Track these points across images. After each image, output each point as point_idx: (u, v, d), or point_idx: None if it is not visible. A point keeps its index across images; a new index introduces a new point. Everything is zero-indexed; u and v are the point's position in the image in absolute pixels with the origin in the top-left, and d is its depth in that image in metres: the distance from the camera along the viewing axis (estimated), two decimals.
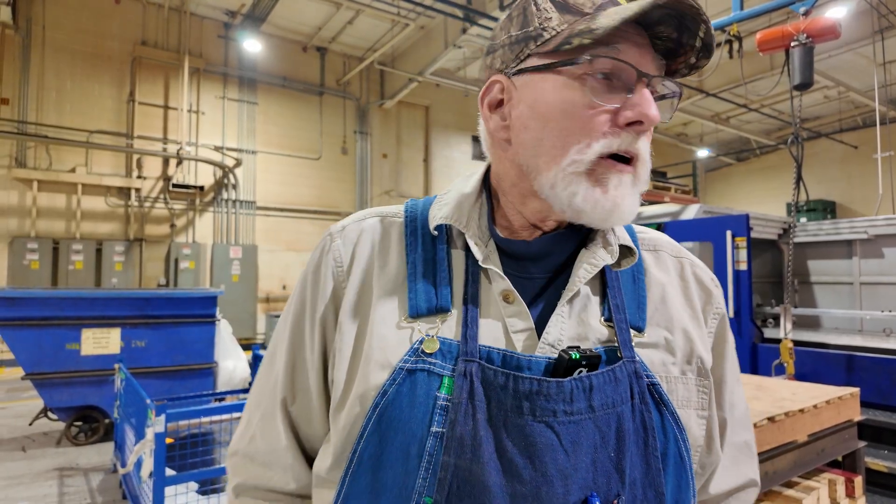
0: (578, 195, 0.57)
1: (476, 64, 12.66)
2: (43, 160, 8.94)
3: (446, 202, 0.66)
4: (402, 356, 0.58)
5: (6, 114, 8.71)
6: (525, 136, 0.60)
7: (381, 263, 0.65)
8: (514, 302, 0.61)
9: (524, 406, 0.55)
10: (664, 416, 0.60)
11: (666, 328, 0.65)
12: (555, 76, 0.58)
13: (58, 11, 9.14)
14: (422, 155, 13.70)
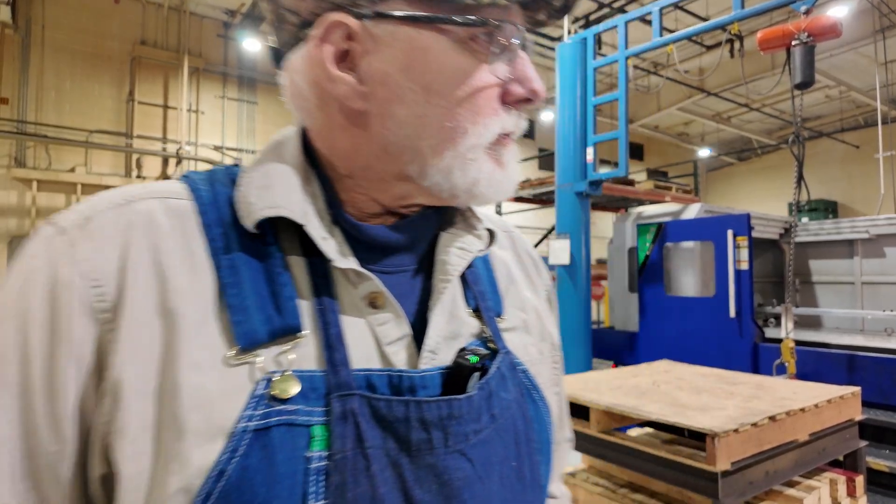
0: (481, 180, 0.47)
1: None
2: (42, 160, 8.94)
3: (263, 183, 0.46)
4: (241, 412, 0.39)
5: (5, 113, 8.70)
6: (399, 110, 0.45)
7: (173, 273, 0.42)
8: (384, 305, 0.47)
9: (435, 438, 0.43)
10: (538, 405, 0.55)
11: (520, 308, 0.59)
12: (438, 35, 0.44)
13: (57, 11, 9.13)
14: None
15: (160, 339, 0.40)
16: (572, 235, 4.96)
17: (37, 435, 0.39)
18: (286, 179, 0.47)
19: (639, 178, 16.95)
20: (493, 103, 0.47)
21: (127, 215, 0.43)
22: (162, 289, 0.41)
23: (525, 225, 13.29)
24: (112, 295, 0.40)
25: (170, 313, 0.41)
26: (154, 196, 0.45)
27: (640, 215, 5.12)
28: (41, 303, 0.40)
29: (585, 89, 4.92)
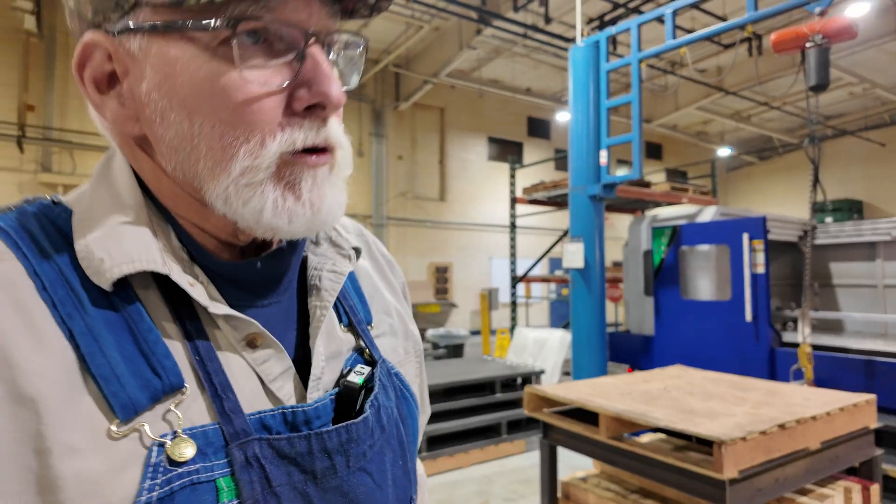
0: (267, 209, 0.42)
1: (492, 65, 12.66)
2: (67, 165, 9.18)
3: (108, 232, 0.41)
4: (139, 484, 0.37)
5: (33, 120, 8.96)
6: (166, 132, 0.42)
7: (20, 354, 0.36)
8: (263, 344, 0.45)
9: (337, 462, 0.44)
10: (409, 402, 0.57)
11: (385, 313, 0.60)
12: (185, 43, 0.40)
13: None
14: (437, 157, 13.75)
15: (25, 430, 0.35)
16: (586, 239, 4.94)
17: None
18: (133, 223, 0.42)
19: (657, 178, 16.75)
20: (271, 116, 0.41)
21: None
22: (8, 375, 0.35)
23: (539, 226, 13.25)
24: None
25: (27, 399, 0.35)
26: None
27: (656, 218, 5.09)
28: None
29: (598, 92, 4.90)
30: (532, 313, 14.54)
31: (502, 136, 14.86)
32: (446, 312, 12.24)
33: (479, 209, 14.20)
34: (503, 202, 13.80)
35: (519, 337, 6.45)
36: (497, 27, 9.82)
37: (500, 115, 14.69)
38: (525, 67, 12.90)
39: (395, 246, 12.64)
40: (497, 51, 11.91)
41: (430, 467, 3.92)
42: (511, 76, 13.22)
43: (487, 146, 14.59)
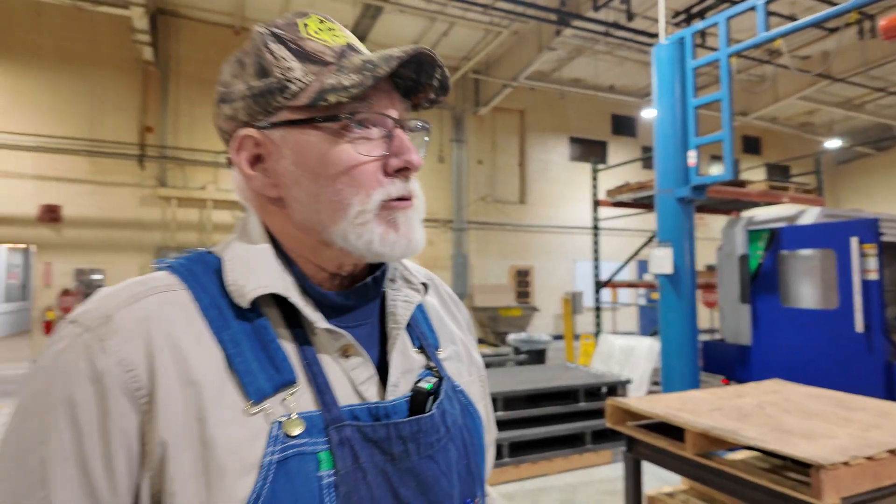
0: (375, 241, 0.58)
1: (573, 65, 12.45)
2: (180, 180, 10.14)
3: (249, 269, 0.57)
4: (264, 449, 0.51)
5: (151, 140, 9.99)
6: (299, 193, 0.58)
7: (189, 353, 0.52)
8: (353, 353, 0.59)
9: (410, 448, 0.57)
10: (474, 416, 0.69)
11: (451, 342, 0.73)
12: (315, 131, 0.57)
13: (189, 47, 10.32)
14: (517, 159, 13.71)
15: (192, 404, 0.50)
16: (675, 243, 4.75)
17: (97, 493, 0.48)
18: (264, 262, 0.58)
19: (756, 174, 15.61)
20: (373, 176, 0.58)
21: (139, 311, 0.52)
22: (183, 365, 0.51)
23: (625, 228, 12.81)
24: (144, 377, 0.50)
25: (194, 383, 0.51)
26: (155, 292, 0.55)
27: (752, 220, 4.78)
28: (86, 389, 0.49)
29: (685, 90, 4.71)
30: (619, 319, 14.07)
31: (585, 135, 14.54)
32: (528, 316, 12.16)
33: (562, 211, 13.97)
34: (587, 203, 13.50)
35: (604, 344, 6.31)
36: (577, 27, 9.65)
37: (582, 115, 14.38)
38: (608, 65, 12.56)
39: (475, 250, 12.75)
40: (578, 50, 11.69)
41: (513, 473, 3.95)
42: (594, 74, 12.91)
43: (569, 147, 14.34)
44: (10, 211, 9.03)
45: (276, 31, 0.59)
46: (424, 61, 0.59)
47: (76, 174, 9.42)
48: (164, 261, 0.59)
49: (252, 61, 0.58)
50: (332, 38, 0.60)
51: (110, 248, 9.63)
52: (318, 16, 0.62)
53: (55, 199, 9.28)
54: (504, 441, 3.95)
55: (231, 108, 0.60)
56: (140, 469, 0.50)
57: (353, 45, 0.60)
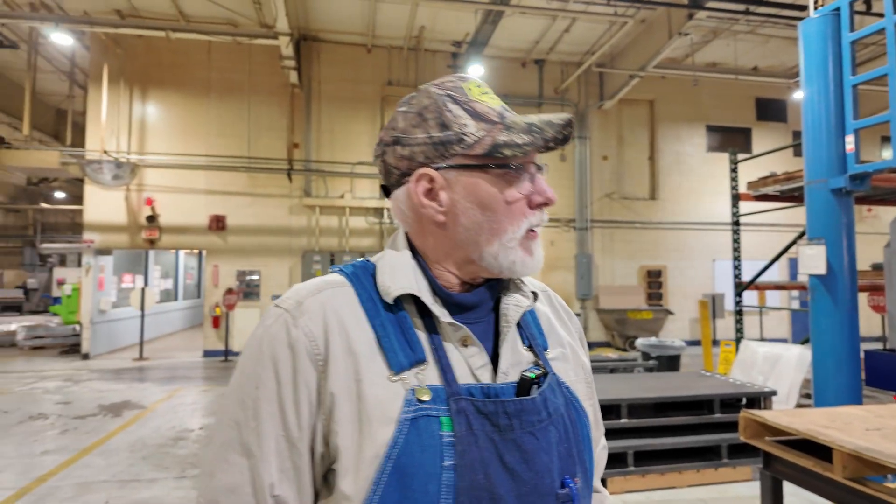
0: (517, 262, 0.74)
1: (709, 48, 11.53)
2: (322, 190, 11.16)
3: (394, 274, 0.74)
4: (401, 409, 0.66)
5: (297, 155, 11.12)
6: (465, 219, 0.74)
7: (351, 331, 0.70)
8: (472, 344, 0.73)
9: (514, 423, 0.69)
10: (578, 411, 0.80)
11: (559, 345, 0.85)
12: (485, 174, 0.73)
13: (328, 68, 11.31)
14: (647, 153, 13.01)
15: (351, 368, 0.68)
16: (829, 240, 4.23)
17: (288, 429, 0.67)
18: (405, 269, 0.75)
19: None
20: (522, 209, 0.74)
21: (322, 299, 0.73)
22: (347, 340, 0.69)
23: (772, 223, 11.57)
24: (321, 345, 0.69)
25: (354, 353, 0.69)
26: (331, 287, 0.75)
27: None
28: (284, 351, 0.69)
29: (840, 67, 4.17)
30: (768, 324, 12.73)
31: (724, 123, 13.36)
32: (660, 320, 11.47)
33: (698, 206, 12.97)
34: (727, 197, 12.39)
35: (746, 351, 5.79)
36: (712, 8, 8.94)
37: (720, 101, 13.24)
38: (750, 45, 11.43)
39: (600, 249, 12.33)
40: (714, 32, 10.81)
41: (639, 483, 3.82)
42: (733, 57, 11.84)
43: (706, 136, 13.27)
44: (187, 221, 10.61)
45: (451, 93, 0.76)
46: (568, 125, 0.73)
47: (237, 188, 10.80)
48: (337, 266, 0.80)
49: (433, 116, 0.74)
50: (490, 100, 0.76)
51: (264, 252, 10.89)
52: (475, 81, 0.78)
53: (221, 210, 10.72)
54: (628, 449, 3.84)
55: (409, 150, 0.76)
56: (317, 413, 0.68)
57: (504, 106, 0.77)
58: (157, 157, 10.53)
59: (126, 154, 10.37)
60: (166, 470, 4.41)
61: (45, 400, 6.93)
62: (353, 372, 0.68)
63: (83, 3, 9.64)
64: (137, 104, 10.63)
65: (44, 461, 4.61)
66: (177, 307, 16.11)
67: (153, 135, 10.65)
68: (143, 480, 4.18)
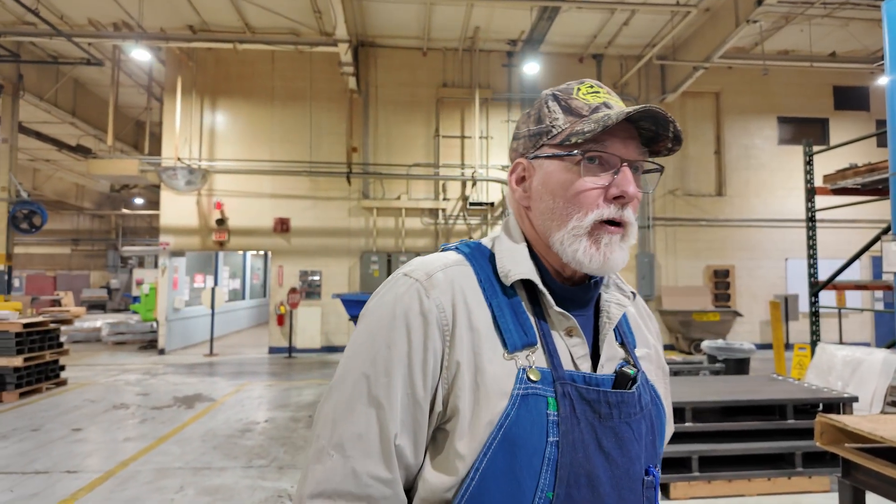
0: (579, 251, 0.75)
1: (780, 35, 10.91)
2: (379, 192, 11.39)
3: (515, 259, 0.79)
4: (514, 385, 0.71)
5: (356, 159, 11.41)
6: (540, 205, 0.79)
7: (473, 309, 0.75)
8: (576, 334, 0.78)
9: (614, 412, 0.74)
10: (660, 408, 0.84)
11: (644, 345, 0.89)
12: (559, 161, 0.77)
13: (384, 72, 11.54)
14: (712, 147, 12.44)
15: (472, 342, 0.73)
16: None
17: (415, 387, 0.72)
18: (523, 256, 0.80)
19: None
20: (594, 201, 0.75)
21: (449, 275, 0.78)
22: (469, 316, 0.75)
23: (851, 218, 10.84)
24: (449, 318, 0.74)
25: (475, 329, 0.74)
26: (455, 264, 0.80)
27: None
28: (417, 319, 0.74)
29: None
30: (847, 327, 11.88)
31: (797, 113, 12.57)
32: (728, 322, 10.93)
33: (769, 202, 12.27)
34: (801, 192, 11.65)
35: (823, 355, 5.43)
36: None
37: (793, 91, 12.47)
38: (827, 29, 10.71)
39: (662, 249, 11.90)
40: (786, 18, 10.20)
41: (704, 489, 3.67)
42: (807, 43, 11.13)
43: (777, 128, 12.54)
44: (254, 224, 11.11)
45: (557, 93, 0.81)
46: (659, 116, 0.75)
47: (300, 191, 11.21)
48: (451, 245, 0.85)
49: (535, 113, 0.82)
50: (593, 98, 0.79)
51: (325, 252, 11.24)
52: (590, 82, 0.81)
53: (285, 212, 11.16)
54: (693, 454, 3.69)
55: (517, 143, 0.85)
56: (440, 377, 0.73)
57: (608, 103, 0.78)
58: (226, 163, 11.09)
59: (198, 161, 10.99)
60: (235, 459, 4.64)
61: (127, 391, 7.46)
62: (473, 345, 0.73)
63: (159, 21, 10.30)
64: (208, 113, 11.24)
65: (126, 447, 4.96)
66: (244, 306, 16.88)
67: (222, 142, 11.23)
68: (213, 468, 4.42)
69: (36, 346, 7.13)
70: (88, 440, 5.19)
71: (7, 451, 4.81)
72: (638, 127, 0.78)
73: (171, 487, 4.01)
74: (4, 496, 3.82)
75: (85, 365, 9.66)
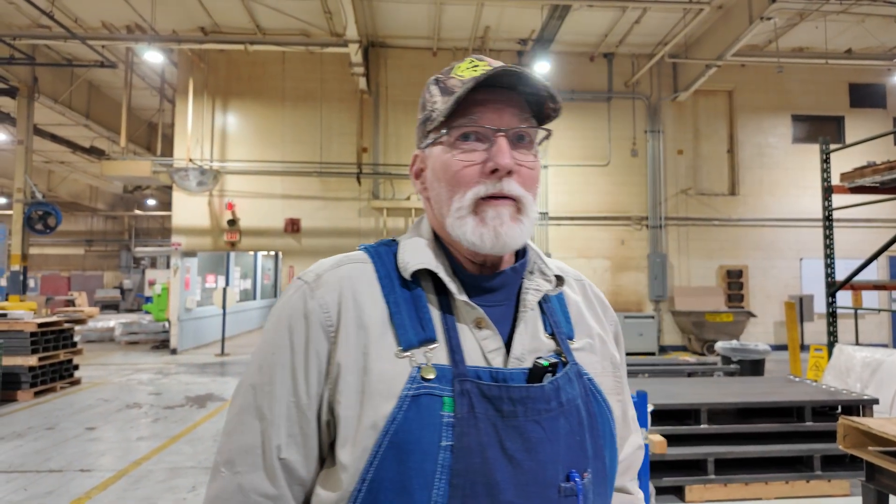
0: (468, 231, 0.71)
1: (792, 32, 10.78)
2: (389, 192, 11.40)
3: (413, 251, 0.75)
4: (404, 385, 0.65)
5: (366, 159, 11.42)
6: (432, 193, 0.77)
7: (365, 305, 0.70)
8: (486, 326, 0.72)
9: (518, 410, 0.67)
10: (600, 404, 0.76)
11: (587, 335, 0.81)
12: (439, 146, 0.75)
13: (394, 73, 11.54)
14: (725, 146, 12.31)
15: (361, 342, 0.68)
16: None
17: (298, 395, 0.68)
18: (425, 247, 0.76)
19: None
20: (472, 178, 0.72)
21: (340, 273, 0.74)
22: (359, 314, 0.70)
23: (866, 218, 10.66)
24: (334, 318, 0.70)
25: (365, 327, 0.69)
26: (351, 262, 0.76)
27: None
28: (300, 321, 0.70)
29: None
30: (864, 327, 11.70)
31: (812, 111, 12.39)
32: (741, 323, 10.80)
33: (783, 202, 12.11)
34: (815, 191, 11.49)
35: (841, 356, 5.34)
36: None
37: (807, 88, 12.30)
38: (842, 26, 10.55)
39: (674, 248, 11.78)
40: (800, 14, 10.07)
41: (720, 492, 3.61)
42: (822, 40, 10.97)
43: (792, 126, 12.38)
44: (265, 224, 11.16)
45: (439, 76, 0.78)
46: (522, 76, 0.70)
47: (310, 192, 11.24)
48: (364, 245, 0.82)
49: (421, 102, 0.79)
50: (470, 73, 0.74)
51: (335, 253, 10.69)
52: (473, 57, 0.78)
53: (296, 213, 11.19)
54: (708, 456, 3.63)
55: (416, 135, 0.83)
56: (325, 382, 0.69)
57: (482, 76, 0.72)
58: (237, 164, 11.15)
59: (209, 162, 11.06)
60: None
61: (140, 390, 7.51)
62: (362, 345, 0.68)
63: (171, 23, 10.38)
64: (219, 115, 11.31)
65: (139, 446, 4.99)
66: (255, 306, 16.97)
67: (233, 143, 11.29)
68: None
69: (50, 346, 7.21)
70: (102, 439, 5.23)
71: (23, 450, 4.85)
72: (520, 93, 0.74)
73: (183, 487, 4.02)
74: (19, 494, 3.85)
75: (98, 364, 9.75)
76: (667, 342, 11.46)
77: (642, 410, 2.76)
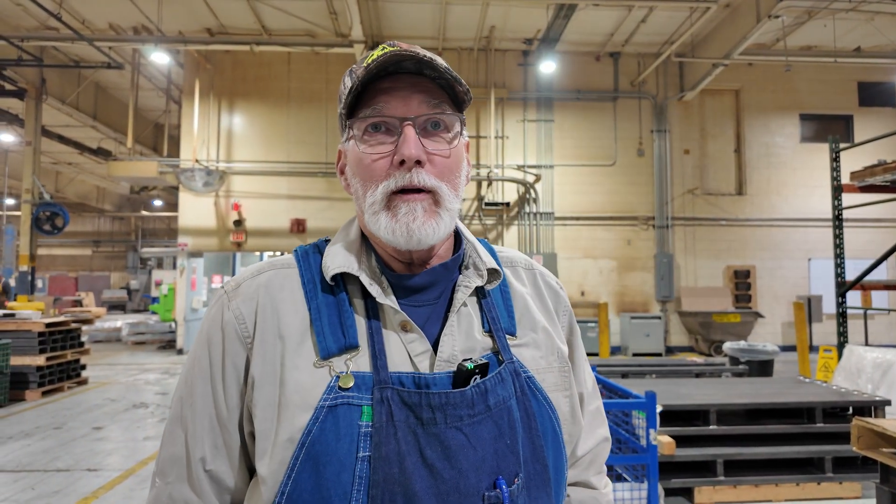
0: (381, 227, 0.68)
1: (802, 30, 10.70)
2: None
3: (336, 252, 0.72)
4: (321, 395, 0.63)
5: None
6: (353, 189, 0.73)
7: (284, 314, 0.68)
8: (411, 329, 0.68)
9: (437, 417, 0.64)
10: (540, 402, 0.72)
11: (531, 329, 0.76)
12: (352, 140, 0.71)
13: None
14: (732, 145, 12.24)
15: (278, 352, 0.66)
16: None
17: (218, 407, 0.68)
18: (349, 248, 0.73)
19: None
20: (380, 171, 0.68)
21: (259, 281, 0.72)
22: (277, 323, 0.68)
23: (875, 217, 10.56)
24: (251, 328, 0.68)
25: (282, 337, 0.67)
26: (274, 268, 0.74)
27: None
28: (217, 332, 0.70)
29: None
30: (873, 328, 11.59)
31: (820, 110, 12.30)
32: (749, 323, 10.72)
33: (791, 201, 12.02)
34: (824, 190, 11.41)
35: (851, 357, 5.28)
36: None
37: (815, 87, 12.21)
38: (851, 24, 10.47)
39: (681, 249, 11.72)
40: (809, 13, 9.99)
41: (729, 494, 3.58)
42: (831, 38, 10.89)
43: (800, 125, 12.29)
44: (270, 224, 11.18)
45: (353, 66, 0.73)
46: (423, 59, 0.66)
47: (316, 192, 11.25)
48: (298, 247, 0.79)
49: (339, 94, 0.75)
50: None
51: None
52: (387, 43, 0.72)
53: (302, 213, 11.21)
54: (717, 457, 3.60)
55: None
56: (243, 394, 0.68)
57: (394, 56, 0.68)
58: (243, 165, 11.18)
59: (215, 162, 11.09)
60: None
61: (146, 390, 7.53)
62: (279, 356, 0.66)
63: (178, 24, 10.42)
64: (225, 115, 11.34)
65: (145, 446, 5.00)
66: None
67: (239, 143, 11.31)
68: None
69: (58, 346, 7.24)
70: (109, 438, 5.24)
71: (30, 449, 4.87)
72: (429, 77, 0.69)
73: None
74: (27, 493, 3.86)
75: (105, 364, 9.79)
76: (673, 343, 11.39)
77: (651, 411, 2.74)
